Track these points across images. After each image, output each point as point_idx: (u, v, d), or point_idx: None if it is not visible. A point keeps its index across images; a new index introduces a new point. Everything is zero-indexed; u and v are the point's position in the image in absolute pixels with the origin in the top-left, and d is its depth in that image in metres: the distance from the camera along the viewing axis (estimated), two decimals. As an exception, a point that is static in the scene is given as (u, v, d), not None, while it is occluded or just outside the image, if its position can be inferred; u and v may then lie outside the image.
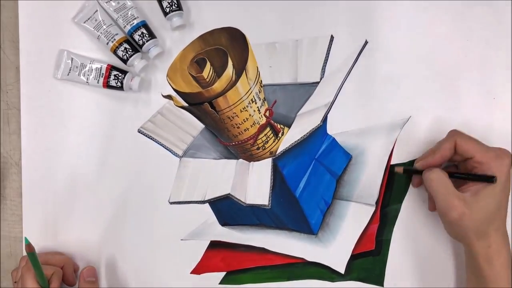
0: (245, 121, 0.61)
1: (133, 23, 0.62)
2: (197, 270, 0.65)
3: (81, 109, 0.65)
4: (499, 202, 0.54)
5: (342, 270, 0.63)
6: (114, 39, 0.62)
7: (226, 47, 0.62)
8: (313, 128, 0.62)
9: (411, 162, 0.62)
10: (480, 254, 0.54)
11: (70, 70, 0.64)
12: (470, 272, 0.57)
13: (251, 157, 0.63)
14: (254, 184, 0.63)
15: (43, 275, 0.57)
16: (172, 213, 0.65)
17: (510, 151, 0.61)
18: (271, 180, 0.62)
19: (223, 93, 0.59)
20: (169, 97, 0.63)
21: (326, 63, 0.63)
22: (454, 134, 0.57)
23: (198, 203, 0.65)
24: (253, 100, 0.61)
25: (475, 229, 0.53)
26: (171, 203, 0.65)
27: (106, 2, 0.63)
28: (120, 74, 0.63)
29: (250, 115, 0.61)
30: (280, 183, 0.62)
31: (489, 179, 0.54)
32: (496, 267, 0.53)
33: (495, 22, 0.62)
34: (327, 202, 0.64)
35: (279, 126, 0.63)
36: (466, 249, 0.57)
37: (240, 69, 0.60)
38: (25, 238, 0.55)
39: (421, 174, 0.58)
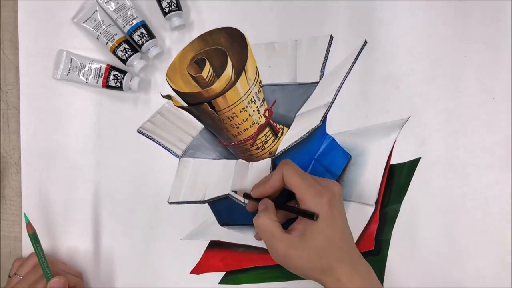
0: (244, 121, 0.61)
1: (132, 23, 0.62)
2: (196, 270, 0.65)
3: (81, 109, 0.65)
4: (327, 239, 0.52)
5: (341, 270, 0.63)
6: (114, 39, 0.62)
7: (225, 47, 0.62)
8: (312, 128, 0.62)
9: (411, 162, 0.62)
10: None
11: (69, 70, 0.64)
12: None
13: (251, 157, 0.63)
14: (254, 184, 0.63)
15: (46, 262, 0.57)
16: (172, 213, 0.65)
17: (510, 150, 0.62)
18: (270, 180, 0.62)
19: (222, 93, 0.59)
20: (168, 97, 0.63)
21: (325, 63, 0.63)
22: (283, 165, 0.55)
23: (197, 203, 0.65)
24: (253, 100, 0.61)
25: (312, 268, 0.52)
26: (171, 203, 0.65)
27: (106, 2, 0.63)
28: (119, 74, 0.63)
29: (249, 115, 0.61)
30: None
31: (310, 216, 0.52)
32: None
33: (495, 22, 0.62)
34: (327, 202, 0.64)
35: (278, 126, 0.63)
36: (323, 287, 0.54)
37: (239, 69, 0.60)
38: (24, 214, 0.54)
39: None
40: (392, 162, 0.63)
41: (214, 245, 0.65)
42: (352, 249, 0.54)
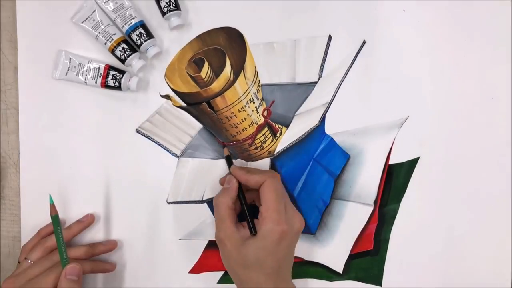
0: (243, 121, 0.61)
1: (131, 23, 0.62)
2: (195, 270, 0.65)
3: (79, 109, 0.65)
4: (260, 259, 0.52)
5: (340, 269, 0.63)
6: (112, 39, 0.62)
7: (224, 47, 0.61)
8: (311, 128, 0.62)
9: (409, 162, 0.62)
10: None
11: (68, 70, 0.64)
12: None
13: (249, 157, 0.63)
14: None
15: (65, 246, 0.58)
16: (170, 213, 0.65)
17: (510, 150, 0.62)
18: (269, 180, 0.62)
19: (221, 93, 0.59)
20: (167, 97, 0.63)
21: (324, 63, 0.63)
22: (270, 176, 0.55)
23: (196, 203, 0.65)
24: (251, 100, 0.61)
25: (234, 270, 0.54)
26: (169, 203, 0.65)
27: (104, 2, 0.63)
28: (118, 74, 0.63)
29: (248, 115, 0.61)
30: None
31: (251, 230, 0.54)
32: None
33: (495, 22, 0.62)
34: (325, 202, 0.64)
35: (277, 126, 0.63)
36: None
37: (238, 69, 0.60)
38: (50, 196, 0.56)
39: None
40: (391, 162, 0.63)
41: (213, 245, 0.65)
42: (280, 281, 0.54)
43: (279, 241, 0.53)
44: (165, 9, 0.62)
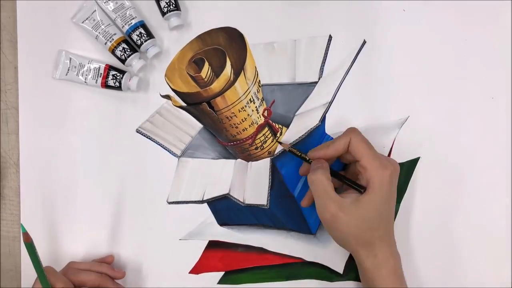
0: (243, 121, 0.61)
1: (131, 23, 0.62)
2: (195, 270, 0.65)
3: (79, 109, 0.65)
4: (379, 212, 0.53)
5: (340, 270, 0.63)
6: (112, 39, 0.62)
7: (224, 47, 0.61)
8: (311, 128, 0.62)
9: (410, 162, 0.62)
10: (367, 264, 0.54)
11: (68, 70, 0.64)
12: (363, 283, 0.56)
13: (250, 157, 0.63)
14: (253, 184, 0.63)
15: (43, 272, 0.55)
16: (171, 213, 0.65)
17: (510, 150, 0.62)
18: (269, 180, 0.62)
19: (221, 93, 0.59)
20: (167, 97, 0.63)
21: (324, 63, 0.63)
22: (350, 132, 0.55)
23: (196, 203, 0.65)
24: (252, 100, 0.61)
25: (356, 236, 0.53)
26: (170, 203, 0.65)
27: (105, 2, 0.63)
28: (118, 74, 0.63)
29: (248, 115, 0.61)
30: (278, 183, 0.62)
31: (359, 188, 0.54)
32: (384, 277, 0.53)
33: (495, 22, 0.62)
34: (326, 202, 0.64)
35: (277, 126, 0.63)
36: (356, 260, 0.56)
37: (238, 69, 0.60)
38: (21, 225, 0.53)
39: (308, 162, 0.57)
40: (391, 162, 0.63)
41: (213, 245, 0.65)
42: (392, 231, 0.56)
43: (390, 185, 0.53)
44: (165, 9, 0.62)
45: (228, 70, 0.59)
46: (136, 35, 0.62)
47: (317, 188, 0.54)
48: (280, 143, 0.61)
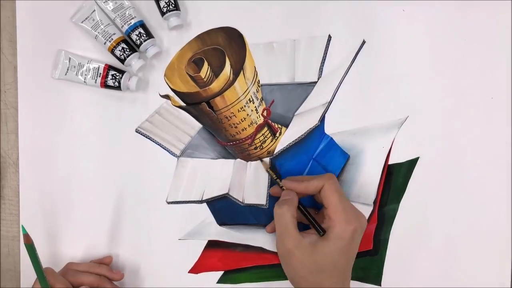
0: (242, 121, 0.61)
1: (130, 22, 0.62)
2: (195, 270, 0.65)
3: (79, 109, 0.65)
4: (334, 262, 0.53)
5: (339, 270, 0.63)
6: (112, 39, 0.62)
7: (223, 47, 0.61)
8: (310, 128, 0.62)
9: (409, 162, 0.62)
10: None
11: (67, 70, 0.64)
12: None
13: (249, 157, 0.63)
14: (252, 184, 0.63)
15: (43, 273, 0.55)
16: (170, 213, 0.65)
17: (510, 150, 0.62)
18: (268, 180, 0.62)
19: (220, 93, 0.59)
20: (166, 96, 0.63)
21: (323, 62, 0.63)
22: (327, 178, 0.55)
23: (195, 203, 0.65)
24: (251, 99, 0.61)
25: (305, 278, 0.53)
26: (169, 203, 0.65)
27: (104, 2, 0.63)
28: (117, 74, 0.63)
29: (247, 114, 0.61)
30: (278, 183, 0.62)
31: (319, 231, 0.54)
32: None
33: (494, 22, 0.62)
34: (325, 202, 0.64)
35: (276, 126, 0.63)
36: None
37: (237, 69, 0.60)
38: (22, 226, 0.53)
39: (281, 188, 0.58)
40: (390, 162, 0.63)
41: (213, 245, 0.65)
42: (347, 282, 0.55)
43: (351, 240, 0.53)
44: (165, 9, 0.62)
45: (227, 70, 0.59)
46: (136, 35, 0.62)
47: (279, 222, 0.55)
48: (261, 160, 0.62)
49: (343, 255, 0.53)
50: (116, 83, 0.63)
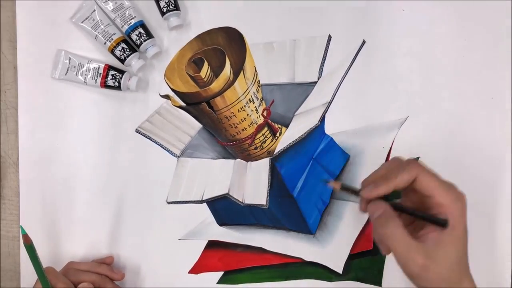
0: (242, 121, 0.61)
1: (130, 23, 0.62)
2: (195, 270, 0.65)
3: (79, 109, 0.65)
4: (463, 248, 0.48)
5: (340, 270, 0.63)
6: (112, 39, 0.62)
7: (223, 47, 0.61)
8: (311, 128, 0.62)
9: (409, 162, 0.62)
10: None
11: (67, 69, 0.64)
12: None
13: (249, 157, 0.63)
14: (252, 184, 0.63)
15: (43, 273, 0.55)
16: (170, 213, 0.65)
17: (510, 150, 0.61)
18: (268, 180, 0.62)
19: (220, 93, 0.59)
20: (166, 96, 0.63)
21: (323, 62, 0.63)
22: (415, 168, 0.48)
23: (195, 203, 0.65)
24: (251, 99, 0.61)
25: (446, 280, 0.47)
26: (169, 203, 0.65)
27: (104, 2, 0.63)
28: (117, 74, 0.63)
29: (247, 114, 0.61)
30: (277, 183, 0.62)
31: (443, 223, 0.47)
32: None
33: (494, 22, 0.62)
34: (325, 201, 0.63)
35: (276, 126, 0.63)
36: None
37: (237, 69, 0.60)
38: (21, 226, 0.53)
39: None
40: (390, 161, 0.63)
41: (213, 245, 0.65)
42: (467, 262, 0.50)
43: (465, 217, 0.48)
44: (165, 9, 0.62)
45: (227, 70, 0.59)
46: (136, 35, 0.62)
47: (396, 245, 0.47)
48: (327, 182, 0.52)
49: (465, 237, 0.48)
50: (116, 83, 0.63)
